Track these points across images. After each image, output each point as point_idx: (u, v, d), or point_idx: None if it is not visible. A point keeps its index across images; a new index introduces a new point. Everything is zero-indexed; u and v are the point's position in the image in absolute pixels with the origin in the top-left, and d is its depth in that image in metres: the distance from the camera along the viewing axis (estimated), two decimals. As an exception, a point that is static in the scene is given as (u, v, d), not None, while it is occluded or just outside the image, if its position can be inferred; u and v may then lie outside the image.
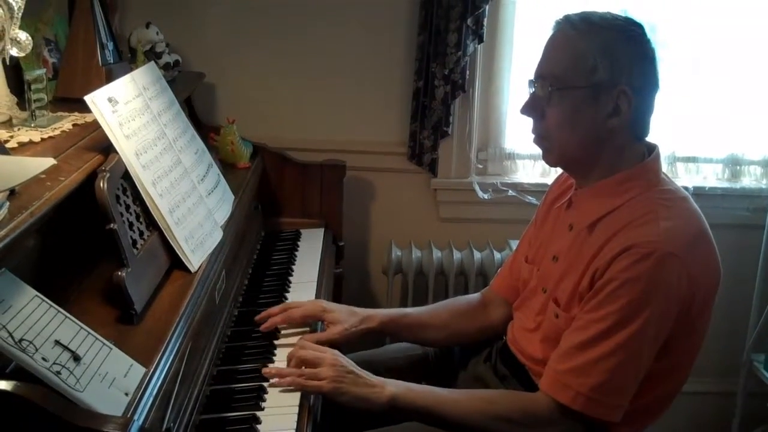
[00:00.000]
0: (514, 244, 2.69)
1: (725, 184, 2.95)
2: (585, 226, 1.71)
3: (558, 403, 1.63)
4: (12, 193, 1.32)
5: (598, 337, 1.59)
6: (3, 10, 1.51)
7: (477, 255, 2.86)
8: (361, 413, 1.77)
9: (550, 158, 1.76)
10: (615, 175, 1.69)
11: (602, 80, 1.63)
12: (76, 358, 1.23)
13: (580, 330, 1.63)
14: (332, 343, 1.91)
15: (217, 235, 1.91)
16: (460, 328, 2.06)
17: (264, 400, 1.65)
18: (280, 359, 1.82)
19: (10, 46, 1.71)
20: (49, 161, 1.26)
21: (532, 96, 1.73)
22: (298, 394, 1.67)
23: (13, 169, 1.22)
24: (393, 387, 1.71)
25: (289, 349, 1.79)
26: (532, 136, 1.77)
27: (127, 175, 1.65)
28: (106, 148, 1.65)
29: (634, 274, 1.55)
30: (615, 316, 1.57)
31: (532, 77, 1.73)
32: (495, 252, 2.85)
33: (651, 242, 1.56)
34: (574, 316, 1.67)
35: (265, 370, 1.74)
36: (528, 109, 1.74)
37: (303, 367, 1.73)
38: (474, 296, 2.14)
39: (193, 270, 1.73)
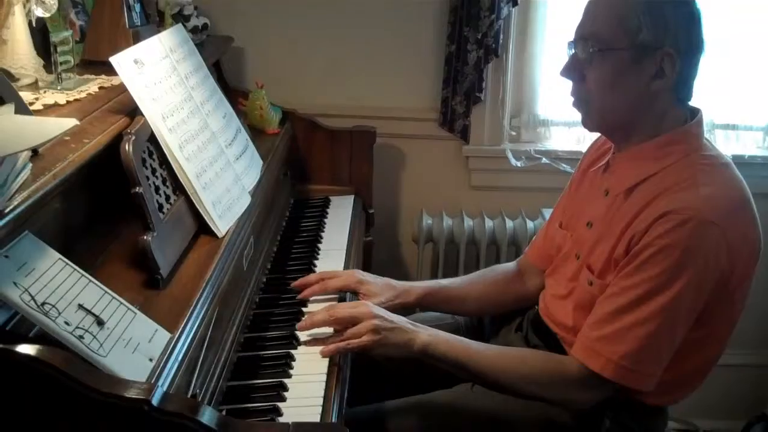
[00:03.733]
0: (548, 212, 2.66)
1: (765, 153, 2.88)
2: (622, 191, 1.67)
3: (589, 369, 1.60)
4: (35, 154, 1.30)
5: (631, 304, 1.56)
6: (27, -31, 1.49)
7: (509, 224, 2.81)
8: (391, 375, 1.82)
9: (590, 122, 1.71)
10: (655, 139, 1.64)
11: (646, 41, 1.57)
12: (100, 323, 1.21)
13: (614, 296, 1.59)
14: None
15: (245, 201, 1.88)
16: (497, 298, 2.04)
17: (291, 368, 1.63)
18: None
19: (35, 7, 1.70)
20: (71, 121, 1.23)
21: (572, 58, 1.68)
22: (326, 362, 1.65)
23: (34, 129, 1.20)
24: (426, 336, 1.71)
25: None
26: (571, 99, 1.72)
27: (153, 139, 1.63)
28: (132, 111, 1.63)
29: (671, 241, 1.51)
30: (650, 283, 1.54)
31: (572, 39, 1.68)
32: (528, 221, 2.81)
33: (689, 208, 1.51)
34: (608, 283, 1.63)
35: (301, 330, 1.73)
36: (568, 71, 1.69)
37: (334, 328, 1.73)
38: (510, 265, 2.11)
39: (220, 235, 1.71)
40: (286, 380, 1.58)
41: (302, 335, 1.74)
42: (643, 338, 1.55)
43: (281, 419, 1.46)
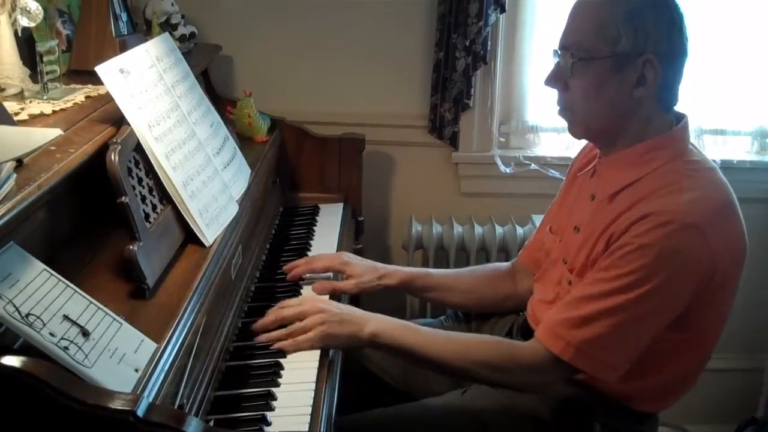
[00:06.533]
0: (537, 218, 2.66)
1: (754, 157, 2.89)
2: (607, 195, 1.68)
3: (548, 351, 1.61)
4: (20, 164, 1.30)
5: (600, 294, 1.57)
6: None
7: (499, 230, 2.81)
8: (381, 383, 1.89)
9: (575, 130, 1.73)
10: (639, 145, 1.65)
11: (627, 49, 1.58)
12: (85, 334, 1.20)
13: (585, 286, 1.61)
14: (348, 295, 1.96)
15: (233, 209, 1.88)
16: (484, 293, 2.05)
17: (280, 377, 1.62)
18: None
19: (21, 16, 1.69)
20: (55, 131, 1.23)
21: (556, 67, 1.69)
22: (315, 371, 1.64)
23: (18, 139, 1.19)
24: (374, 324, 1.71)
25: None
26: (557, 107, 1.72)
27: (139, 148, 1.62)
28: (119, 120, 1.62)
29: (649, 240, 1.52)
30: (623, 279, 1.54)
31: (556, 47, 1.69)
32: (517, 227, 2.81)
33: (671, 211, 1.52)
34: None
35: (257, 339, 1.73)
36: (551, 80, 1.70)
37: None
38: (504, 264, 2.13)
39: (207, 244, 1.70)
40: (274, 389, 1.57)
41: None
42: (605, 327, 1.56)
43: (269, 429, 1.45)
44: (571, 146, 2.84)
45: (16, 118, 1.51)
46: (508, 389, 1.73)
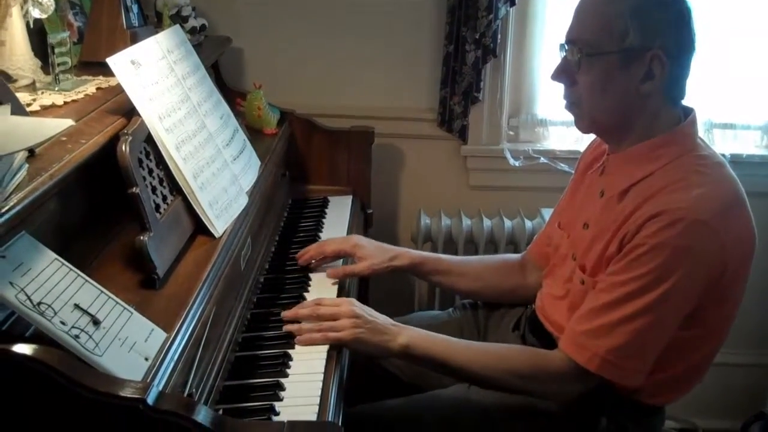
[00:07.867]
0: (546, 212, 2.67)
1: (763, 152, 2.87)
2: (616, 192, 1.67)
3: (574, 362, 1.61)
4: (32, 155, 1.31)
5: (619, 300, 1.57)
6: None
7: (507, 223, 2.81)
8: (389, 375, 1.88)
9: (582, 125, 1.72)
10: (648, 141, 1.64)
11: (634, 44, 1.57)
12: (96, 322, 1.21)
13: (603, 292, 1.60)
14: (360, 277, 1.97)
15: (243, 201, 1.89)
16: (494, 282, 2.07)
17: (289, 367, 1.63)
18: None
19: (32, 8, 1.70)
20: (66, 122, 1.24)
21: (563, 61, 1.69)
22: (323, 361, 1.65)
23: (30, 129, 1.21)
24: (406, 336, 1.71)
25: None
26: (564, 102, 1.72)
27: (150, 139, 1.63)
28: (130, 112, 1.63)
29: (661, 240, 1.52)
30: (639, 281, 1.54)
31: (563, 41, 1.69)
32: (526, 220, 2.81)
33: (681, 209, 1.52)
34: (599, 281, 1.64)
35: (287, 327, 1.74)
36: (558, 74, 1.70)
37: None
38: (515, 256, 2.14)
39: (217, 235, 1.71)
40: (283, 380, 1.58)
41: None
42: (629, 334, 1.56)
43: (278, 419, 1.46)
44: (580, 140, 2.83)
45: (28, 109, 1.52)
46: (536, 398, 1.73)
